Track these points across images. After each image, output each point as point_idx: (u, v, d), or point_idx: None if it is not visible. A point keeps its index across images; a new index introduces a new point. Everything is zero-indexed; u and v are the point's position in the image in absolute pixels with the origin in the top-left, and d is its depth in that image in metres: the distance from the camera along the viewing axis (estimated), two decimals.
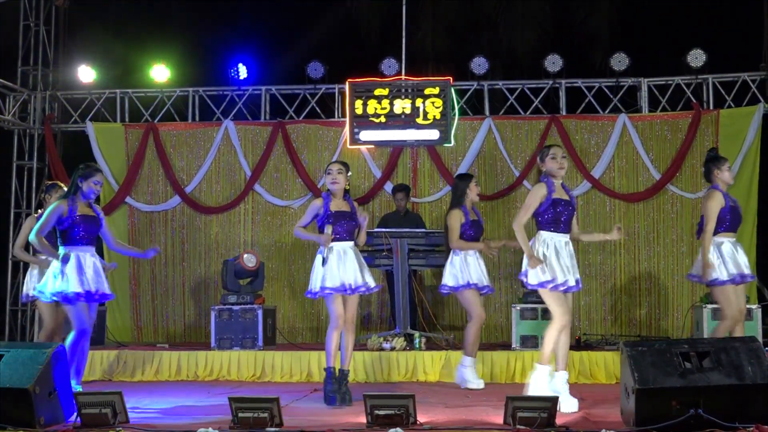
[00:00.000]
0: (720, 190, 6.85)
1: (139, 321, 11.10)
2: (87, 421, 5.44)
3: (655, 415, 5.19)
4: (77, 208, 6.61)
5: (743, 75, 10.75)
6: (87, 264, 6.60)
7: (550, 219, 6.36)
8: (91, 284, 6.55)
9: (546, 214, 6.36)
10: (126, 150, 11.28)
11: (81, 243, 6.62)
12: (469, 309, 7.82)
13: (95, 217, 6.72)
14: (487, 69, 10.94)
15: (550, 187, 6.36)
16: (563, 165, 6.44)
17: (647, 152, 10.66)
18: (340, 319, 6.82)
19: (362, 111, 10.52)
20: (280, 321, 10.48)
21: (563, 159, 6.45)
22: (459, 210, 7.73)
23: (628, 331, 10.47)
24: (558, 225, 6.38)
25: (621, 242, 10.67)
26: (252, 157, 11.15)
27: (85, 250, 6.64)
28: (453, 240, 7.71)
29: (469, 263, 7.72)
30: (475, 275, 7.70)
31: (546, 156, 6.44)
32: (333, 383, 6.82)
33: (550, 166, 6.41)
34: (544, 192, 6.34)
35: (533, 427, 5.22)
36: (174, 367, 8.99)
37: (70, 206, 6.59)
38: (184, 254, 11.20)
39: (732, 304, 6.78)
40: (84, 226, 6.61)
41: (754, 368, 5.31)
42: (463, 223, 7.69)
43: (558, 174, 6.41)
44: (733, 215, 6.86)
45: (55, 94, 11.64)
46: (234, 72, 11.20)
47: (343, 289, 6.76)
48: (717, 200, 6.79)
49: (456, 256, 7.75)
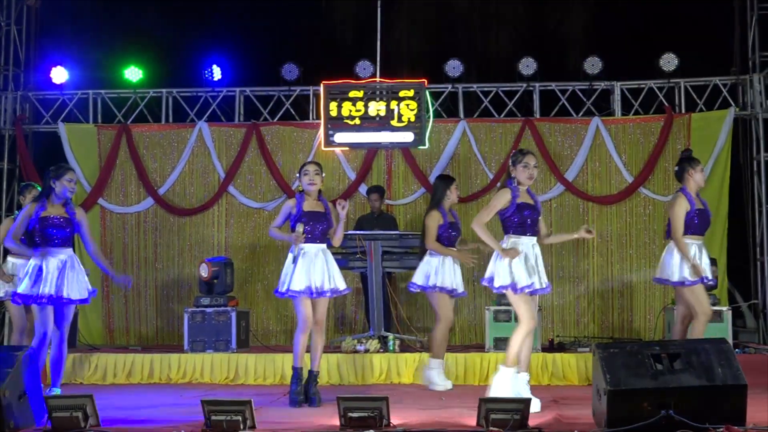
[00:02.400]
0: (686, 194, 6.93)
1: (112, 324, 11.03)
2: (58, 424, 5.39)
3: (627, 416, 5.22)
4: (45, 210, 6.58)
5: (714, 79, 10.87)
6: (50, 268, 6.56)
7: (516, 223, 6.42)
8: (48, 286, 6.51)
9: (513, 218, 6.41)
10: (98, 151, 11.21)
11: (52, 245, 6.59)
12: (438, 311, 7.87)
13: (68, 219, 6.68)
14: (461, 72, 10.97)
15: (515, 192, 6.41)
16: (533, 175, 6.49)
17: (620, 155, 10.74)
18: (308, 322, 6.83)
19: (337, 113, 10.51)
20: (253, 323, 10.47)
21: (534, 168, 6.49)
22: (437, 211, 7.77)
23: (601, 333, 10.53)
24: (524, 229, 6.45)
25: (594, 245, 10.74)
26: (226, 159, 11.12)
27: (55, 252, 6.60)
28: (429, 241, 7.74)
29: (446, 266, 7.76)
30: (448, 279, 7.74)
31: (518, 163, 6.45)
32: (298, 384, 6.85)
33: (520, 173, 6.44)
34: (509, 197, 6.39)
35: (506, 428, 5.23)
36: (146, 370, 8.94)
37: (37, 208, 6.57)
38: (157, 256, 11.14)
39: (703, 302, 6.86)
40: (51, 227, 6.57)
41: (725, 369, 5.36)
42: (441, 225, 7.74)
43: (526, 183, 6.47)
44: (701, 219, 6.94)
45: (27, 94, 11.53)
46: (208, 73, 11.16)
47: (309, 292, 6.76)
48: (682, 205, 6.89)
49: (433, 257, 7.77)
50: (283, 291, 6.81)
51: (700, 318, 6.86)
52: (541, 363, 8.56)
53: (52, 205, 6.66)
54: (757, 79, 10.66)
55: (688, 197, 6.92)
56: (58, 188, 6.66)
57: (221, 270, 9.53)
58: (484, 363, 8.67)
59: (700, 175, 7.00)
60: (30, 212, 6.59)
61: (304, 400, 6.82)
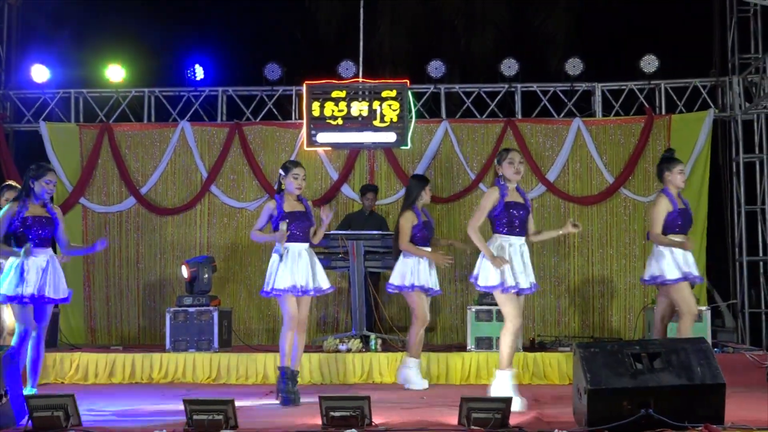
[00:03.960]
0: (668, 194, 6.97)
1: (93, 323, 10.97)
2: (39, 424, 5.38)
3: (607, 415, 5.25)
4: (27, 210, 6.57)
5: (694, 81, 10.93)
6: (30, 265, 6.53)
7: (504, 222, 6.44)
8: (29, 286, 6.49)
9: (501, 217, 6.44)
10: (80, 150, 11.14)
11: (33, 245, 6.57)
12: (415, 310, 7.87)
13: (49, 218, 6.67)
14: (444, 72, 10.97)
15: (503, 190, 6.45)
16: (519, 170, 6.54)
17: (601, 156, 10.78)
18: (294, 320, 6.85)
19: (319, 113, 10.50)
20: (236, 322, 10.44)
21: (520, 164, 6.56)
22: (411, 212, 7.80)
23: (581, 333, 10.57)
24: (512, 228, 6.47)
25: (575, 245, 10.79)
26: (208, 159, 11.09)
27: (36, 252, 6.58)
28: (403, 242, 7.76)
29: (421, 265, 7.78)
30: (423, 278, 7.76)
31: (504, 160, 6.53)
32: (287, 383, 6.84)
33: (506, 170, 6.50)
34: (497, 196, 6.42)
35: (487, 427, 5.25)
36: (128, 370, 8.91)
37: (18, 209, 6.56)
38: (139, 256, 11.09)
39: (688, 300, 6.89)
40: (35, 228, 6.56)
41: (704, 369, 5.39)
42: (416, 225, 7.76)
43: (513, 179, 6.51)
44: (684, 218, 6.98)
45: (8, 93, 11.45)
46: (190, 73, 11.12)
47: (294, 290, 6.77)
48: (663, 205, 6.93)
49: (408, 258, 7.79)
50: (268, 290, 6.84)
51: (686, 317, 6.87)
52: (523, 362, 8.58)
53: (32, 205, 6.65)
54: (736, 81, 10.73)
55: (669, 197, 6.95)
56: (37, 188, 6.64)
57: (200, 270, 9.51)
58: (466, 362, 8.70)
59: (679, 177, 7.02)
60: (12, 212, 6.57)
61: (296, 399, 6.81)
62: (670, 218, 6.91)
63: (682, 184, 7.05)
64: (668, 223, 6.91)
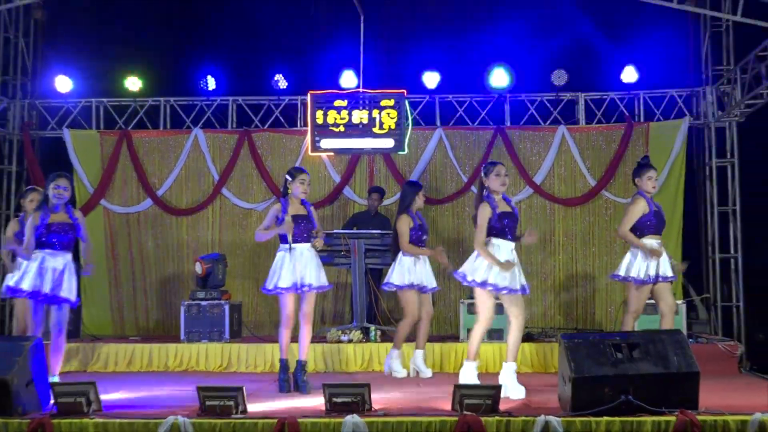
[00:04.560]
0: (644, 196, 6.97)
1: (115, 316, 10.97)
2: (63, 409, 5.39)
3: (590, 401, 5.27)
4: (50, 217, 6.58)
5: (671, 91, 10.94)
6: (49, 267, 6.54)
7: (497, 229, 6.48)
8: (44, 287, 6.48)
9: (495, 225, 6.46)
10: (101, 155, 11.15)
11: (53, 248, 6.59)
12: (406, 307, 7.87)
13: (71, 224, 6.67)
14: (438, 82, 10.99)
15: (492, 203, 6.49)
16: (505, 182, 6.61)
17: (584, 161, 10.79)
18: (291, 318, 6.85)
19: (323, 121, 10.51)
20: (245, 315, 10.45)
21: (506, 177, 6.63)
22: (407, 215, 7.82)
23: (566, 325, 10.58)
24: (504, 234, 6.50)
25: (560, 243, 10.80)
26: (219, 163, 11.09)
27: (56, 255, 6.58)
28: (404, 244, 7.76)
29: (418, 265, 7.79)
30: (420, 277, 7.78)
31: (491, 172, 6.56)
32: (285, 373, 6.89)
33: (493, 182, 6.54)
34: (489, 210, 6.46)
35: (478, 412, 5.26)
36: (146, 359, 8.92)
37: (42, 217, 6.58)
38: (156, 253, 11.10)
39: (640, 301, 6.93)
40: (58, 233, 6.57)
41: (679, 358, 5.41)
42: (412, 227, 7.77)
43: (500, 190, 6.57)
44: (658, 219, 6.98)
45: (34, 102, 11.46)
46: (203, 83, 11.13)
47: (295, 288, 6.76)
48: (639, 205, 6.93)
49: (406, 257, 7.79)
50: (270, 288, 6.82)
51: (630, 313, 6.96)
52: None
53: (54, 212, 6.64)
54: (710, 91, 10.74)
55: (646, 199, 6.96)
56: (50, 194, 6.65)
57: (214, 266, 9.55)
58: (459, 352, 8.71)
59: (647, 182, 7.00)
60: (35, 221, 6.57)
61: (295, 387, 6.83)
62: (645, 219, 6.90)
63: (651, 190, 7.02)
64: (643, 224, 6.90)
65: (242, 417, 5.32)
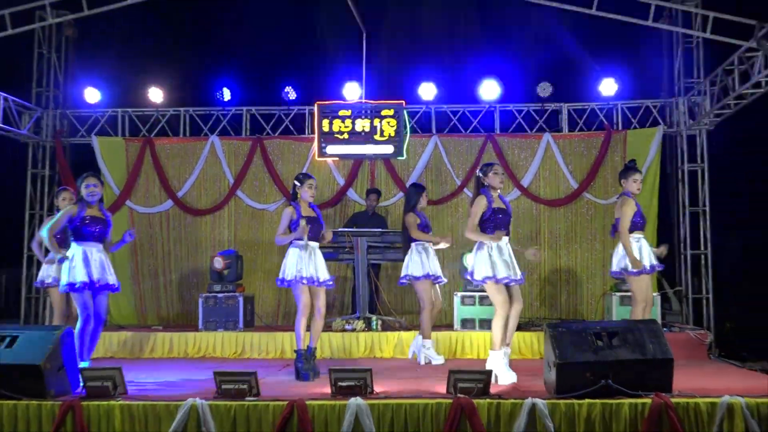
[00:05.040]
0: (631, 197, 6.94)
1: (138, 306, 10.96)
2: (91, 392, 5.39)
3: (573, 385, 5.26)
4: (86, 211, 6.59)
5: (646, 102, 10.93)
6: (93, 258, 6.57)
7: (492, 225, 6.43)
8: (94, 275, 6.51)
9: (489, 221, 6.43)
10: (126, 160, 11.15)
11: (89, 240, 6.62)
12: (423, 297, 7.77)
13: (104, 219, 6.70)
14: (433, 94, 10.98)
15: (489, 197, 6.45)
16: (502, 180, 6.64)
17: (567, 165, 10.77)
18: (307, 307, 6.80)
19: (328, 129, 10.50)
20: (258, 306, 10.44)
21: (503, 175, 6.68)
22: (414, 213, 7.83)
23: (551, 315, 10.56)
24: (499, 228, 6.45)
25: (546, 240, 10.78)
26: (234, 168, 11.08)
27: (92, 246, 6.60)
28: (414, 232, 7.74)
29: (430, 257, 7.76)
30: (434, 268, 7.74)
31: (489, 171, 6.54)
32: (304, 362, 6.80)
33: (493, 180, 6.52)
34: (485, 203, 6.43)
35: (471, 395, 5.25)
36: (167, 346, 8.91)
37: (79, 210, 6.58)
38: (177, 250, 11.09)
39: (644, 291, 6.85)
40: (92, 226, 6.58)
41: (655, 346, 5.40)
42: (418, 223, 7.78)
43: (498, 187, 6.56)
44: (642, 218, 6.96)
45: (65, 111, 11.46)
46: (219, 94, 11.13)
47: (311, 281, 6.74)
48: (630, 205, 6.87)
49: (416, 252, 7.75)
50: (290, 279, 6.75)
51: (639, 305, 6.83)
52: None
53: (90, 207, 6.65)
54: (682, 101, 10.72)
55: (634, 200, 6.93)
56: (83, 193, 6.66)
57: (233, 262, 9.55)
58: (453, 340, 8.71)
59: (633, 184, 6.96)
60: (73, 213, 6.58)
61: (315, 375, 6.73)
62: (636, 218, 6.87)
63: (636, 191, 6.98)
64: (635, 222, 6.87)
65: (255, 399, 5.31)
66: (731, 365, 8.10)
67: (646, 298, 6.84)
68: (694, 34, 10.01)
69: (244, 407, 5.21)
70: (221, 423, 5.17)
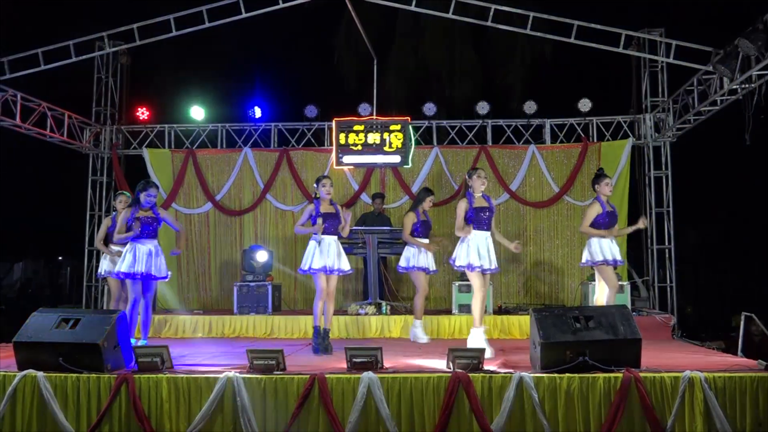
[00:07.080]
0: (600, 200, 6.91)
1: (183, 293, 10.98)
2: (142, 367, 5.40)
3: (555, 361, 5.24)
4: (137, 213, 6.64)
5: (618, 117, 10.87)
6: (141, 251, 6.61)
7: (475, 221, 6.48)
8: (140, 266, 6.54)
9: (472, 218, 6.49)
10: (172, 169, 11.17)
11: (141, 237, 6.64)
12: (416, 283, 7.85)
13: (154, 218, 6.75)
14: (434, 111, 10.97)
15: (470, 199, 6.51)
16: (485, 183, 6.65)
17: (549, 172, 10.74)
18: (324, 292, 6.83)
19: (345, 141, 10.47)
20: (284, 293, 10.43)
21: (485, 179, 6.67)
22: (413, 213, 7.81)
23: (536, 301, 10.53)
24: (481, 225, 6.50)
25: (531, 237, 10.75)
26: (264, 175, 11.08)
27: (143, 242, 6.65)
28: (404, 235, 7.76)
29: (421, 252, 7.76)
30: (422, 261, 7.74)
31: (474, 174, 6.61)
32: (318, 338, 6.83)
33: (476, 182, 6.57)
34: (466, 205, 6.50)
35: (467, 370, 5.24)
36: (207, 327, 8.93)
37: (132, 212, 6.65)
38: (215, 245, 11.10)
39: (612, 278, 6.82)
40: (145, 224, 6.64)
41: (626, 328, 5.37)
42: (415, 223, 7.75)
43: (480, 189, 6.59)
44: (611, 218, 6.91)
45: (120, 127, 11.49)
46: (251, 112, 11.15)
47: (324, 269, 6.75)
48: (594, 209, 6.86)
49: (410, 247, 7.76)
50: (306, 269, 6.80)
51: (611, 290, 6.80)
52: (492, 323, 8.57)
53: (142, 209, 6.70)
54: (649, 117, 10.67)
55: (600, 203, 6.89)
56: (142, 198, 6.70)
57: (269, 256, 9.59)
58: (451, 323, 8.69)
59: (605, 187, 6.94)
60: (127, 214, 6.66)
61: (324, 350, 6.79)
62: (600, 218, 6.84)
63: (609, 193, 6.96)
64: (599, 222, 6.84)
65: (282, 373, 5.31)
66: (692, 344, 8.06)
67: (615, 285, 6.81)
68: (659, 59, 9.95)
69: (272, 380, 5.21)
70: (253, 393, 5.17)
